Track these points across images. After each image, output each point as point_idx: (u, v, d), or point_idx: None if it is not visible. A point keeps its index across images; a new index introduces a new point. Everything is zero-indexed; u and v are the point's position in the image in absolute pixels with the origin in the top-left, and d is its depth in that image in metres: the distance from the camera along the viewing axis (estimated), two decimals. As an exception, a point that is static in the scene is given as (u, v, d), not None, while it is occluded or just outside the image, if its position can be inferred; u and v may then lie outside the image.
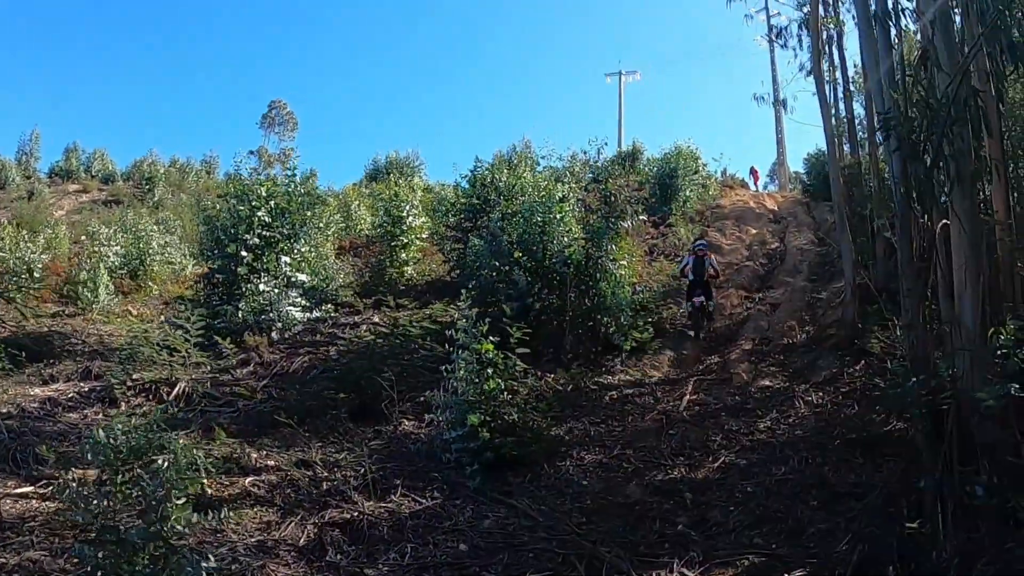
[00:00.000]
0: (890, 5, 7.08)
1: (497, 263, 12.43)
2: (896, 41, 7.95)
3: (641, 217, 23.56)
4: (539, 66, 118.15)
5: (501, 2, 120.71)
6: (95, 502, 4.66)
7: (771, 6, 22.68)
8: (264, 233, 13.68)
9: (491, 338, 8.09)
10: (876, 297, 10.89)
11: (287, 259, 13.86)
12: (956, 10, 6.49)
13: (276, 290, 13.53)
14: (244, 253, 13.37)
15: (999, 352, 5.87)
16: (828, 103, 14.34)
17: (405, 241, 17.84)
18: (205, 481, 6.62)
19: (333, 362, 11.11)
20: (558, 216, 12.82)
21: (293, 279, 13.98)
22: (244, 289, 13.37)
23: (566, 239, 12.65)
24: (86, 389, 10.05)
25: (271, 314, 13.14)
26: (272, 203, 13.83)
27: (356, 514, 6.54)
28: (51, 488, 6.25)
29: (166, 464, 4.58)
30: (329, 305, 14.71)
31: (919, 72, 6.32)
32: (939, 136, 5.77)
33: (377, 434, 8.96)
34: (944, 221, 6.54)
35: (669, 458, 8.29)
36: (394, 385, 9.30)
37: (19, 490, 6.68)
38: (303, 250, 14.36)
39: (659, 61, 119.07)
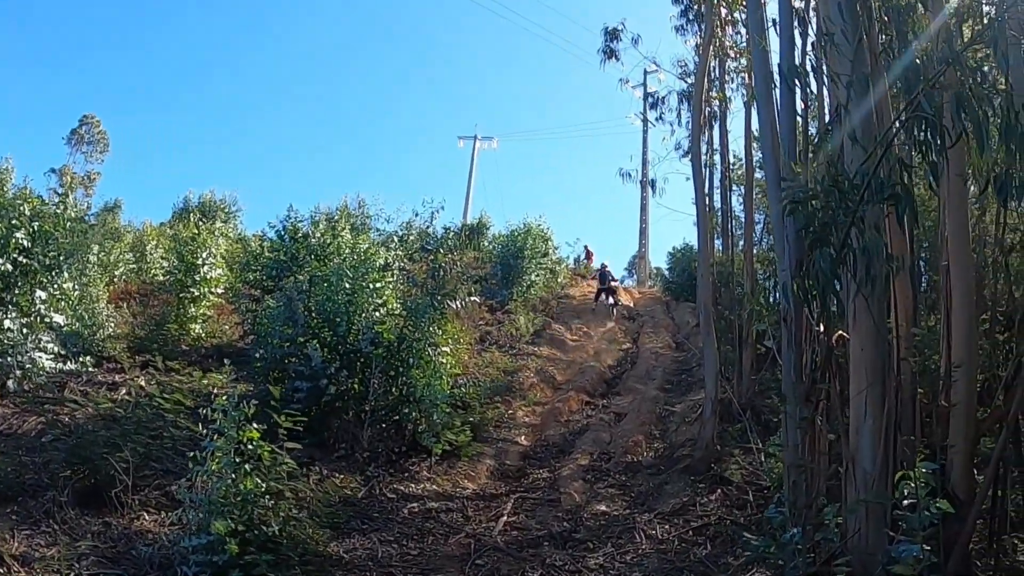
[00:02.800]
0: (797, 61, 6.70)
1: (291, 332, 11.42)
2: (801, 107, 7.53)
3: (474, 299, 23.16)
4: (393, 121, 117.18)
5: (357, 46, 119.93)
6: None
7: (652, 73, 22.63)
8: (20, 259, 12.11)
9: (257, 425, 7.15)
10: (739, 415, 10.56)
11: (43, 294, 12.33)
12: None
13: (24, 330, 11.97)
14: (-9, 280, 11.79)
15: (905, 503, 5.21)
16: (704, 190, 13.91)
17: (196, 294, 16.28)
18: None
19: (73, 428, 9.74)
20: (372, 286, 12.05)
21: (48, 319, 12.44)
22: (-16, 324, 11.75)
23: (379, 314, 11.87)
24: None
25: (10, 359, 11.56)
26: (36, 224, 12.32)
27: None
28: None
29: None
30: (89, 357, 13.19)
31: (825, 144, 5.79)
32: (848, 224, 5.15)
33: (105, 527, 7.71)
34: (840, 332, 6.02)
35: (471, 598, 7.47)
36: (135, 468, 8.12)
37: None
38: (66, 287, 12.86)
39: (522, 131, 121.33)
